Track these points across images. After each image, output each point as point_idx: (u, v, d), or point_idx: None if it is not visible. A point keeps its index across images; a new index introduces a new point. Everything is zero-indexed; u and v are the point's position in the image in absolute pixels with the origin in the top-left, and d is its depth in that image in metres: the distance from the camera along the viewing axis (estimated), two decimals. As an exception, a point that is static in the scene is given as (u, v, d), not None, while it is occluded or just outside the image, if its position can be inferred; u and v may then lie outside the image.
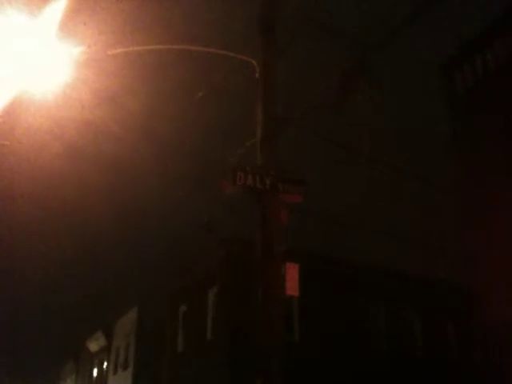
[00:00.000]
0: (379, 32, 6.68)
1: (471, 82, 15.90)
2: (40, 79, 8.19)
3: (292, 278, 7.26)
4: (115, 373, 31.30)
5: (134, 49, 8.34)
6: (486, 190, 14.67)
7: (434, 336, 21.75)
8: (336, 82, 7.22)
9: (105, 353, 34.01)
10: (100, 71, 8.38)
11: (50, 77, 8.19)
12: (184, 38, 8.38)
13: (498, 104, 14.88)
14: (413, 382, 19.28)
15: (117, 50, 8.18)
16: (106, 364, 33.88)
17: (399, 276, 21.37)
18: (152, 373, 25.91)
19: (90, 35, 8.11)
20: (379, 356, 19.85)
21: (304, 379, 16.79)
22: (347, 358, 18.79)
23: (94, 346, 36.39)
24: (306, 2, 8.26)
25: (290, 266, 7.31)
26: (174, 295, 23.21)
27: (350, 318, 19.66)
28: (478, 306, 14.39)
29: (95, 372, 36.35)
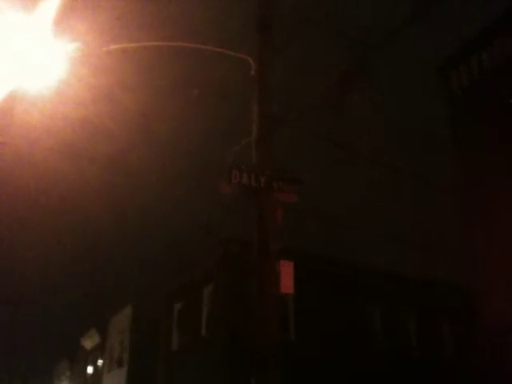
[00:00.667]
0: (379, 32, 6.67)
1: (469, 82, 15.89)
2: (35, 76, 8.15)
3: (287, 276, 7.25)
4: (110, 370, 31.27)
5: (130, 46, 8.30)
6: (486, 190, 14.66)
7: (431, 336, 21.77)
8: (335, 82, 7.21)
9: (99, 350, 33.96)
10: (95, 68, 8.35)
11: (45, 74, 8.15)
12: (180, 36, 8.35)
13: (497, 104, 14.89)
14: (410, 382, 19.30)
15: (112, 47, 8.14)
16: (100, 361, 33.84)
17: (397, 276, 21.38)
18: (147, 370, 25.89)
19: (85, 32, 8.07)
20: (376, 356, 19.85)
21: (300, 378, 16.79)
22: (344, 358, 18.80)
23: (88, 343, 36.34)
24: (304, 1, 8.24)
25: (285, 264, 7.30)
26: (169, 293, 23.19)
27: (346, 317, 19.66)
28: (478, 307, 14.38)
29: (90, 369, 36.30)
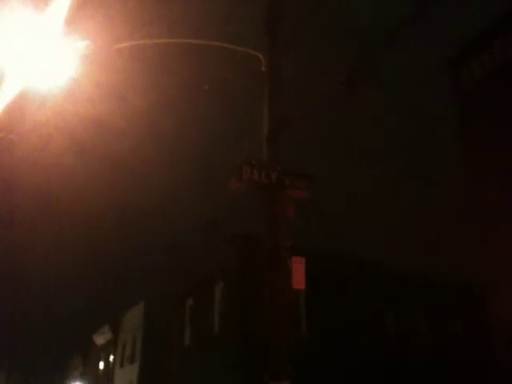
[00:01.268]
0: (385, 28, 6.64)
1: (478, 78, 15.77)
2: (46, 74, 8.17)
3: (298, 272, 7.25)
4: (122, 366, 31.47)
5: (140, 43, 8.31)
6: (494, 188, 14.59)
7: (444, 335, 21.61)
8: (343, 78, 7.20)
9: (112, 346, 34.18)
10: (106, 66, 8.35)
11: (56, 72, 8.17)
12: (190, 33, 8.34)
13: (507, 100, 14.76)
14: (422, 380, 19.21)
15: (123, 45, 8.15)
16: (112, 357, 34.06)
17: (408, 275, 21.24)
18: (158, 366, 26.02)
19: (95, 30, 8.07)
20: (388, 355, 19.74)
21: (312, 375, 16.78)
22: (354, 356, 18.71)
23: (100, 339, 36.59)
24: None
25: (297, 260, 7.30)
26: (181, 290, 23.24)
27: (358, 316, 19.56)
28: (490, 305, 14.31)
29: (101, 365, 36.56)
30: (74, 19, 7.88)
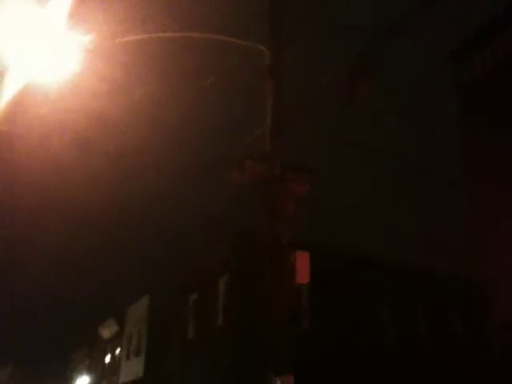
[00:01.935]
0: (386, 24, 6.62)
1: (481, 71, 15.68)
2: (49, 68, 8.18)
3: (302, 267, 7.25)
4: (128, 359, 31.64)
5: (143, 37, 8.30)
6: (494, 188, 14.55)
7: (443, 332, 21.58)
8: (344, 78, 7.19)
9: (117, 339, 34.36)
10: (109, 60, 8.36)
11: (60, 66, 8.18)
12: (193, 26, 8.33)
13: (508, 97, 14.68)
14: (421, 380, 19.21)
15: (126, 39, 8.14)
16: (118, 350, 34.25)
17: (409, 274, 21.21)
18: (163, 359, 26.15)
19: (98, 23, 8.07)
20: (387, 351, 19.75)
21: (313, 369, 16.83)
22: (355, 352, 18.74)
23: (106, 332, 36.78)
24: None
25: (300, 255, 7.30)
26: (185, 283, 23.32)
27: (358, 313, 19.57)
28: (490, 305, 14.29)
29: (108, 358, 36.76)
30: (77, 13, 7.88)
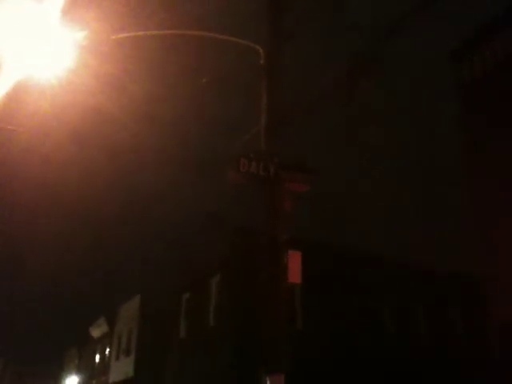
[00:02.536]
0: (386, 22, 6.62)
1: (481, 71, 15.73)
2: (43, 64, 8.13)
3: (294, 266, 7.24)
4: (117, 359, 31.52)
5: (138, 34, 8.26)
6: (494, 188, 14.61)
7: (442, 331, 21.57)
8: (346, 73, 7.18)
9: (107, 339, 34.23)
10: (103, 56, 8.31)
11: (54, 62, 8.13)
12: (189, 24, 8.30)
13: (508, 97, 14.74)
14: (421, 380, 19.22)
15: (120, 35, 8.10)
16: (108, 350, 34.11)
17: (408, 273, 21.18)
18: (154, 359, 26.06)
19: (93, 20, 8.02)
20: (385, 351, 19.73)
21: (307, 369, 16.82)
22: (350, 352, 18.70)
23: (96, 332, 36.63)
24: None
25: (293, 254, 7.28)
26: (177, 283, 23.26)
27: (353, 312, 19.56)
28: (490, 305, 14.34)
29: (97, 358, 36.61)
30: (71, 10, 7.83)
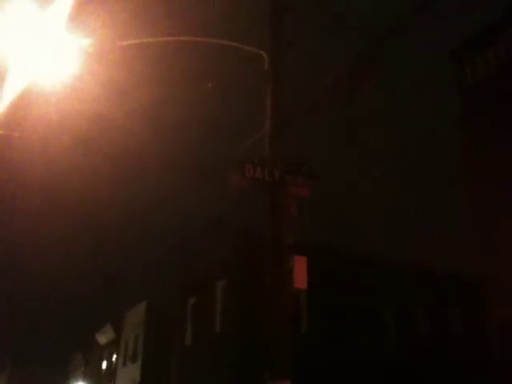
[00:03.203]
0: (389, 21, 6.64)
1: (483, 73, 15.72)
2: (49, 71, 8.19)
3: (300, 271, 7.23)
4: (124, 365, 31.50)
5: (143, 41, 8.32)
6: (494, 188, 14.59)
7: (444, 332, 21.55)
8: (347, 73, 7.21)
9: (114, 345, 34.21)
10: (109, 63, 8.37)
11: (59, 68, 8.19)
12: (193, 30, 8.35)
13: (509, 98, 14.73)
14: (421, 380, 19.18)
15: (126, 42, 8.16)
16: (114, 356, 34.10)
17: (408, 274, 21.18)
18: (160, 365, 26.04)
19: (98, 27, 8.09)
20: (387, 353, 19.71)
21: (312, 373, 16.78)
22: (354, 355, 18.69)
23: (102, 338, 36.63)
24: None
25: (298, 259, 7.28)
26: (182, 288, 23.25)
27: (357, 315, 19.55)
28: (490, 305, 14.30)
29: (104, 364, 36.59)
30: (77, 17, 7.89)
